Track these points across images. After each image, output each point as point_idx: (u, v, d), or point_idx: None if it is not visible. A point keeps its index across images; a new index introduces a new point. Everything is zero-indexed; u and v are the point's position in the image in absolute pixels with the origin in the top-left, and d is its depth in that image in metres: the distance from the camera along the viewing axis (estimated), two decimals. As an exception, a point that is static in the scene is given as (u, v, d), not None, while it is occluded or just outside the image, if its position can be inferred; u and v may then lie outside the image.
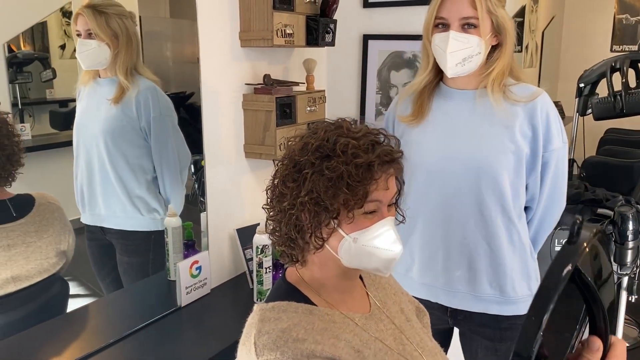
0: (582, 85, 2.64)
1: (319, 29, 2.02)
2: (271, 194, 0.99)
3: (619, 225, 2.06)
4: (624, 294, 2.23)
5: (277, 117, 1.91)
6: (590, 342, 0.63)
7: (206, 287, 1.80)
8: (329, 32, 2.08)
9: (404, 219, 1.05)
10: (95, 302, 1.64)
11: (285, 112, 1.94)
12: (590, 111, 2.65)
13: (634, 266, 2.10)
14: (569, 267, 0.56)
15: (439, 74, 1.50)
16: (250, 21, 1.88)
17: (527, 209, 1.52)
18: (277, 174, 0.97)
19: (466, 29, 1.37)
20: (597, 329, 0.62)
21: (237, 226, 1.98)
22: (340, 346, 0.90)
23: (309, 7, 2.01)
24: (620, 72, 2.44)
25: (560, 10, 5.49)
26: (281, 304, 0.95)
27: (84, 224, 1.59)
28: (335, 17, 2.11)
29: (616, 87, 2.45)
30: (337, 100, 2.42)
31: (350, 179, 0.89)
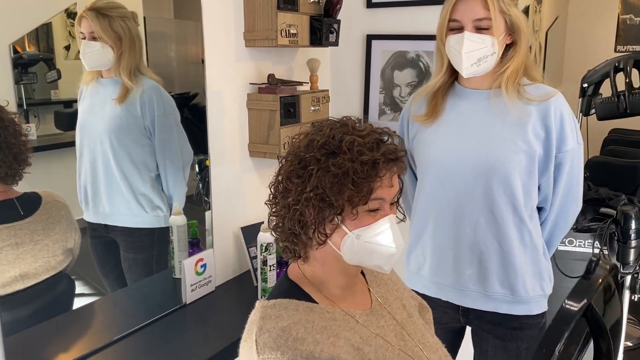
0: (585, 85, 2.63)
1: (322, 29, 2.03)
2: (275, 189, 0.99)
3: (622, 224, 2.06)
4: (627, 293, 2.23)
5: (281, 117, 1.92)
6: None
7: (211, 285, 1.82)
8: (332, 32, 2.09)
9: (405, 217, 1.06)
10: (101, 299, 1.65)
11: (289, 111, 1.95)
12: (593, 111, 2.64)
13: (637, 265, 2.10)
14: (583, 302, 0.56)
15: (453, 75, 1.50)
16: (254, 21, 1.89)
17: (541, 209, 1.52)
18: (282, 170, 0.98)
19: (480, 30, 1.37)
20: None
21: (242, 224, 1.99)
22: (339, 345, 0.91)
23: (313, 8, 2.03)
24: (623, 72, 2.43)
25: (564, 10, 5.48)
26: (282, 301, 0.96)
27: (87, 221, 1.60)
28: (338, 17, 2.12)
29: (620, 87, 2.45)
30: (341, 99, 2.43)
31: (355, 175, 0.90)
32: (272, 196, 1.00)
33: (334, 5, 2.06)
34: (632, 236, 2.04)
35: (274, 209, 1.00)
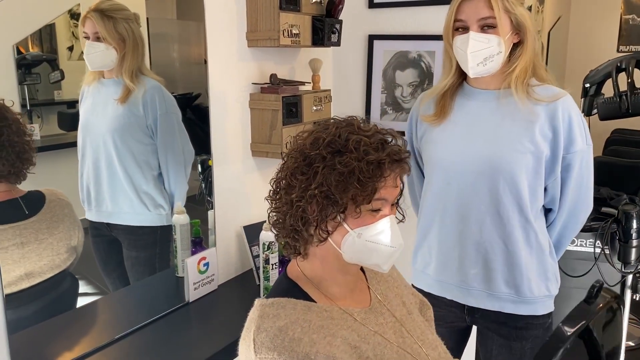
0: (587, 85, 2.63)
1: (324, 29, 2.04)
2: (277, 186, 1.00)
3: (623, 223, 2.07)
4: (628, 292, 2.24)
5: (284, 116, 1.93)
6: None
7: (213, 284, 1.82)
8: (334, 32, 2.10)
9: (404, 217, 1.06)
10: (104, 297, 1.66)
11: (291, 111, 1.96)
12: (596, 111, 2.65)
13: (638, 264, 2.11)
14: (582, 323, 0.56)
15: (462, 76, 1.50)
16: (257, 22, 1.90)
17: (549, 210, 1.52)
18: (285, 167, 0.98)
19: (485, 29, 1.38)
20: None
21: (244, 223, 2.00)
22: (336, 344, 0.92)
23: (315, 8, 2.03)
24: (626, 72, 2.43)
25: (566, 10, 5.48)
26: (280, 300, 0.97)
27: (89, 220, 1.61)
28: (340, 18, 2.12)
29: (622, 87, 2.45)
30: (343, 99, 2.44)
31: (361, 174, 0.90)
32: (273, 192, 1.01)
33: (336, 5, 2.06)
34: (634, 235, 2.05)
35: (275, 205, 1.01)
